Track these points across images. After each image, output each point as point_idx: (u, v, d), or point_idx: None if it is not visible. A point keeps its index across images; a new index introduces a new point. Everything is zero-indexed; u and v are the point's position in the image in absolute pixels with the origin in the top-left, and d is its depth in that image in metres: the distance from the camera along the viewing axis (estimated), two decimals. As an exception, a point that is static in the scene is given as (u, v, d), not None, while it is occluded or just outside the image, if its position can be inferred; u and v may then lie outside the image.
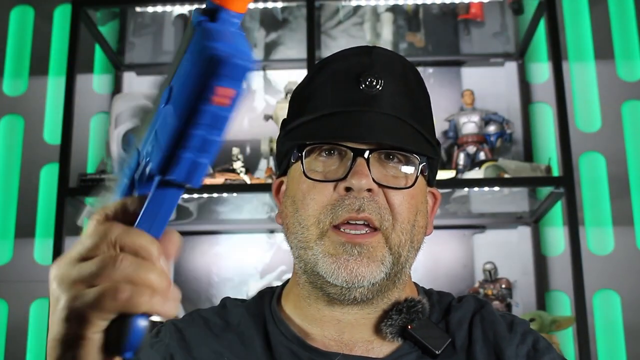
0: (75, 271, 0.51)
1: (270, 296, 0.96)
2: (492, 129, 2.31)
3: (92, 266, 0.51)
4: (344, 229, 0.83)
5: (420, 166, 0.87)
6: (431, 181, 0.94)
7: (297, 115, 0.91)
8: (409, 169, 0.87)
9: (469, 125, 2.30)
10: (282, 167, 0.94)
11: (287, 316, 0.92)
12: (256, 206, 2.30)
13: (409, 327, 0.87)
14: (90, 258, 0.52)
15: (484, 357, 0.87)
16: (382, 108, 0.86)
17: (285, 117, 0.96)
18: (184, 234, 2.38)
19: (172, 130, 0.51)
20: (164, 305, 0.51)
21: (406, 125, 0.86)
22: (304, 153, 0.86)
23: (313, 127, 0.87)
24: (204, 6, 0.52)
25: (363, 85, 0.87)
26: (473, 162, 2.23)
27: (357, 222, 0.83)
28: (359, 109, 0.86)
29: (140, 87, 2.51)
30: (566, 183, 2.01)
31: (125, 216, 0.53)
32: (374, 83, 0.87)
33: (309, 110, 0.89)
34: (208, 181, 2.10)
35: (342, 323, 0.88)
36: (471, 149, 2.27)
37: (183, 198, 2.17)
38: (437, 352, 0.86)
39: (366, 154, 0.83)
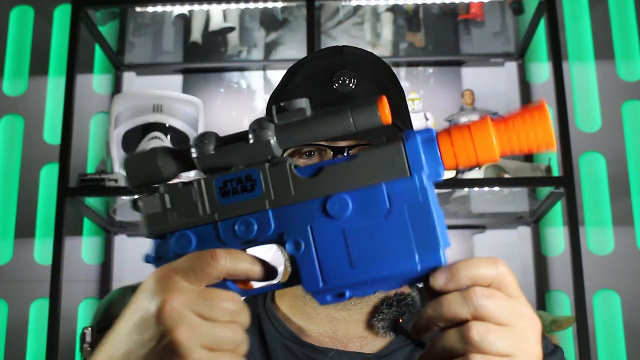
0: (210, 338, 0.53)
1: (264, 296, 0.97)
2: (492, 129, 2.30)
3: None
4: None
5: None
6: None
7: None
8: None
9: (469, 125, 2.30)
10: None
11: (283, 314, 0.93)
12: (256, 206, 2.30)
13: (400, 320, 0.87)
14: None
15: None
16: None
17: None
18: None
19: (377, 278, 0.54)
20: None
21: None
22: (283, 155, 0.88)
23: None
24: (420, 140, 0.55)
25: (336, 84, 0.89)
26: (473, 162, 2.23)
27: None
28: (335, 108, 0.87)
29: (140, 87, 2.52)
30: (566, 183, 2.01)
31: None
32: (347, 81, 0.89)
33: None
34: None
35: (337, 320, 0.89)
36: (471, 149, 2.27)
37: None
38: None
39: (345, 151, 0.85)
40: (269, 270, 0.56)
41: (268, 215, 0.55)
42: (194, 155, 0.56)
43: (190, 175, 1.84)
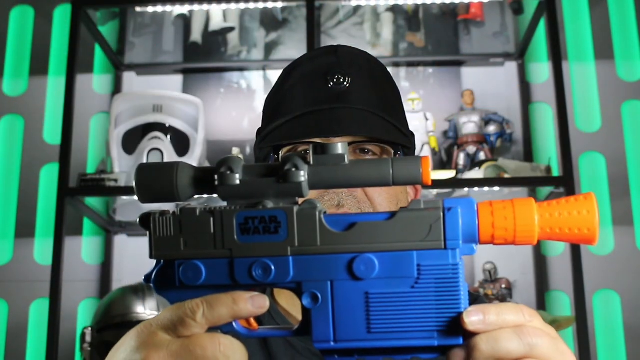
0: (169, 348, 0.52)
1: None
2: (492, 129, 2.31)
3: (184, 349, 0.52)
4: None
5: (396, 156, 0.89)
6: None
7: (270, 121, 0.92)
8: None
9: (469, 125, 2.31)
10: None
11: (283, 309, 0.93)
12: (256, 206, 2.30)
13: None
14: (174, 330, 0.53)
15: None
16: (352, 103, 0.88)
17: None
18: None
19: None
20: None
21: (377, 118, 0.88)
22: (280, 155, 0.89)
23: (286, 128, 0.89)
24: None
25: (331, 83, 0.89)
26: (473, 162, 2.23)
27: None
28: (330, 106, 0.88)
29: (140, 87, 2.52)
30: (566, 183, 2.01)
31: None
32: (342, 80, 0.89)
33: (282, 113, 0.91)
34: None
35: None
36: (471, 149, 2.27)
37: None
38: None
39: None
40: (256, 305, 0.53)
41: (288, 261, 0.52)
42: (216, 182, 0.53)
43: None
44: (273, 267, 0.52)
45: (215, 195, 0.54)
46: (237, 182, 0.53)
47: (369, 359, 0.52)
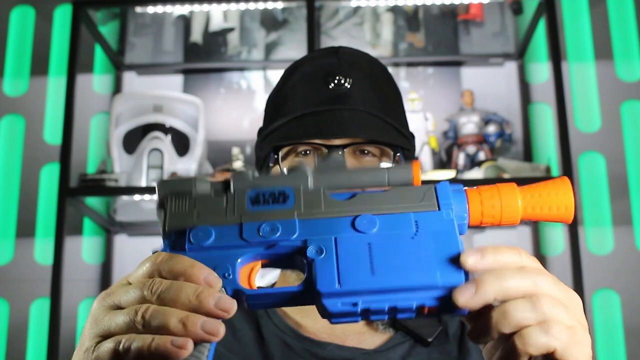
0: (119, 295, 0.55)
1: None
2: (491, 129, 2.31)
3: (131, 293, 0.54)
4: None
5: (396, 157, 0.89)
6: None
7: (271, 121, 0.93)
8: (384, 161, 0.89)
9: (469, 125, 2.31)
10: (263, 173, 0.96)
11: (281, 310, 0.93)
12: (256, 206, 2.30)
13: None
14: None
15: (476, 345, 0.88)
16: (352, 105, 0.88)
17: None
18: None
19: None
20: (201, 324, 0.50)
21: (377, 119, 0.89)
22: (280, 155, 0.89)
23: (287, 129, 0.89)
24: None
25: (332, 85, 0.89)
26: (473, 162, 2.23)
27: None
28: (330, 107, 0.88)
29: (140, 87, 2.52)
30: (566, 183, 2.01)
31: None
32: (342, 81, 0.90)
33: (282, 114, 0.91)
34: (208, 181, 2.10)
35: None
36: (471, 149, 2.28)
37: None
38: (429, 340, 0.87)
39: (340, 150, 0.86)
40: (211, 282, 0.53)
41: (294, 222, 0.56)
42: (231, 181, 0.58)
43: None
44: (280, 226, 0.56)
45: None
46: (251, 178, 0.59)
47: (374, 305, 0.53)
